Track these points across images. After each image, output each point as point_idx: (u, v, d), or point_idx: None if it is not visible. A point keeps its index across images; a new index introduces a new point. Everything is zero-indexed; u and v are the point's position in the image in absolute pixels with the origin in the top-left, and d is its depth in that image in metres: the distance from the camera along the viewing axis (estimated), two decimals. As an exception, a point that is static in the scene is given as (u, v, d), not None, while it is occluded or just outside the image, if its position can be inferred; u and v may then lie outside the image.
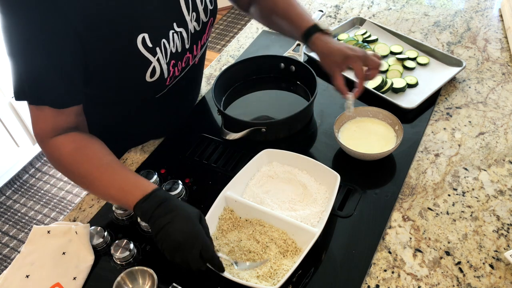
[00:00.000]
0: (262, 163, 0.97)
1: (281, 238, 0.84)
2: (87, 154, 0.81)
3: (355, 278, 0.79)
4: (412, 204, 0.91)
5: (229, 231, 0.87)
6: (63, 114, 0.80)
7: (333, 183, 0.89)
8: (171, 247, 0.71)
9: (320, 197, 0.90)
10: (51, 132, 0.80)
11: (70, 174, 0.82)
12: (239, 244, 0.84)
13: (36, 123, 0.80)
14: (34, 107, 0.79)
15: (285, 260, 0.81)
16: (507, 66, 1.23)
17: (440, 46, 1.32)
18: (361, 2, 1.56)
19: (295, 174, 0.95)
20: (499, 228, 0.86)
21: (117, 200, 0.81)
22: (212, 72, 1.33)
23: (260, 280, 0.78)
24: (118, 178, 0.79)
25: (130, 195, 0.76)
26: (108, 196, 0.81)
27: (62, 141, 0.81)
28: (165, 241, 0.71)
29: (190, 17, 0.89)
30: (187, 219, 0.72)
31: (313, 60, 1.27)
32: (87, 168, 0.80)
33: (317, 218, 0.87)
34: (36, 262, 0.86)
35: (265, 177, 0.96)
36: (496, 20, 1.41)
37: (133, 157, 1.08)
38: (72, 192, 2.30)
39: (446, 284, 0.78)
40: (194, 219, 0.73)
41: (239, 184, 0.93)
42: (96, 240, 0.87)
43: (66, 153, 0.80)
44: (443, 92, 1.16)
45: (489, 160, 0.98)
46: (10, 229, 2.14)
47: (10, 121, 2.20)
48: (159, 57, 0.85)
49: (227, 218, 0.89)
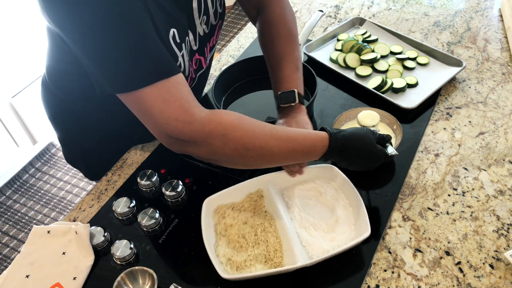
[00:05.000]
0: (330, 177, 0.91)
1: (273, 246, 0.82)
2: (251, 122, 0.75)
3: (355, 278, 0.79)
4: (412, 204, 0.91)
5: (245, 209, 0.88)
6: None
7: (361, 232, 0.81)
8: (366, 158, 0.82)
9: (340, 238, 0.83)
10: (197, 102, 0.71)
11: (241, 149, 0.73)
12: (242, 224, 0.86)
13: (175, 100, 0.68)
14: (163, 86, 0.68)
15: (259, 265, 0.80)
16: (507, 66, 1.23)
17: (440, 46, 1.32)
18: (361, 2, 1.56)
19: (341, 204, 0.88)
20: (499, 228, 0.86)
21: (300, 159, 0.81)
22: (212, 72, 1.33)
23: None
24: (294, 140, 0.78)
25: (314, 149, 0.79)
26: (289, 160, 0.80)
27: (220, 113, 0.72)
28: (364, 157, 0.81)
29: (200, 20, 0.88)
30: (369, 142, 0.81)
31: (313, 60, 1.27)
32: (261, 137, 0.74)
33: (320, 254, 0.80)
34: (36, 262, 0.86)
35: (315, 190, 0.91)
36: (496, 20, 1.41)
37: (133, 157, 1.08)
38: (72, 192, 2.30)
39: (446, 284, 0.78)
40: (372, 140, 0.82)
41: (290, 178, 0.91)
42: (96, 240, 0.87)
43: (233, 125, 0.72)
44: (443, 92, 1.16)
45: (489, 160, 0.98)
46: (10, 229, 2.14)
47: (10, 121, 2.20)
48: (184, 53, 0.84)
49: (252, 199, 0.90)
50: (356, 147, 0.80)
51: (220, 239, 0.85)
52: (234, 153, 0.73)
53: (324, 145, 0.79)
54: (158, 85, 0.68)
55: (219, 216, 0.88)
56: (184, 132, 0.70)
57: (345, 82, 1.20)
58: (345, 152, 0.79)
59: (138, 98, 0.69)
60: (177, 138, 0.72)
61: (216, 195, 0.88)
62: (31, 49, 2.21)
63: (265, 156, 0.76)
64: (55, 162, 2.46)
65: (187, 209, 0.93)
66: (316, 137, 0.79)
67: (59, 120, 1.07)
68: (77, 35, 0.66)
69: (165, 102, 0.68)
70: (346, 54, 1.26)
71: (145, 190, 0.97)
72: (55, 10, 0.65)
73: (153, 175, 0.97)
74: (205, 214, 0.85)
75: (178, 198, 0.94)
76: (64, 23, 0.66)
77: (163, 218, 0.91)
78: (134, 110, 0.72)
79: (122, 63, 0.67)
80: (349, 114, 1.04)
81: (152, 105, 0.68)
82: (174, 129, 0.70)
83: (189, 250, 0.86)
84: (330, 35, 1.35)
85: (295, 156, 0.79)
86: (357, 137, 0.80)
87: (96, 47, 0.66)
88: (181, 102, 0.69)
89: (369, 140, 0.81)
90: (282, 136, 0.77)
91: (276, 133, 0.76)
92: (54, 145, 2.53)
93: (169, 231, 0.89)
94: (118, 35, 0.65)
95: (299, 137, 0.78)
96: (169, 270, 0.84)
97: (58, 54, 0.87)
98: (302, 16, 1.53)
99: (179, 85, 0.70)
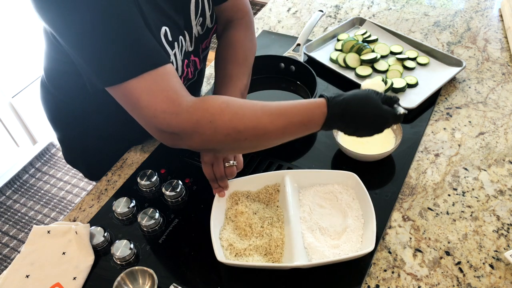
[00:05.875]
0: (350, 184, 0.90)
1: (275, 241, 0.82)
2: (239, 103, 0.72)
3: (355, 278, 0.79)
4: (412, 204, 0.91)
5: (259, 200, 0.90)
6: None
7: (366, 246, 0.80)
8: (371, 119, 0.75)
9: (343, 247, 0.82)
10: (185, 91, 0.70)
11: (233, 133, 0.70)
12: (252, 214, 0.87)
13: (162, 91, 0.67)
14: (150, 77, 0.67)
15: (258, 256, 0.81)
16: (507, 66, 1.23)
17: (440, 46, 1.32)
18: (361, 2, 1.56)
19: (354, 214, 0.86)
20: (499, 228, 0.86)
21: (300, 132, 0.75)
22: (212, 72, 1.33)
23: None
24: (288, 113, 0.72)
25: (313, 118, 0.73)
26: (287, 136, 0.75)
27: (206, 99, 0.70)
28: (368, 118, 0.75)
29: (196, 22, 0.88)
30: (374, 102, 0.75)
31: (313, 60, 1.27)
32: (252, 116, 0.71)
33: (319, 259, 0.79)
34: (36, 262, 0.86)
35: (332, 194, 0.90)
36: (496, 20, 1.41)
37: (133, 157, 1.08)
38: (72, 192, 2.30)
39: (446, 284, 0.78)
40: (377, 100, 0.75)
41: (310, 178, 0.90)
42: (96, 240, 0.87)
43: (220, 109, 0.69)
44: (443, 92, 1.16)
45: (489, 160, 0.98)
46: (10, 229, 2.14)
47: (10, 121, 2.20)
48: (176, 52, 0.83)
49: (268, 192, 0.91)
50: (359, 109, 0.73)
51: (228, 223, 0.87)
52: (227, 138, 0.70)
53: (323, 112, 0.72)
54: (144, 77, 0.66)
55: (233, 201, 0.90)
56: (172, 124, 0.68)
57: (345, 82, 1.20)
58: (348, 117, 0.72)
59: (125, 91, 0.68)
60: (167, 132, 0.70)
61: (235, 180, 0.90)
62: (31, 49, 2.21)
63: (260, 136, 0.72)
64: (55, 162, 2.46)
65: (187, 209, 0.93)
66: (312, 105, 0.73)
67: (58, 121, 1.07)
68: (65, 30, 0.66)
69: (152, 94, 0.67)
70: (346, 54, 1.26)
71: (145, 190, 0.97)
72: (44, 7, 0.66)
73: (153, 175, 0.97)
74: (218, 197, 0.88)
75: (178, 198, 0.94)
76: (53, 19, 0.67)
77: (163, 218, 0.91)
78: (124, 104, 0.71)
79: (107, 56, 0.66)
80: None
81: (139, 98, 0.67)
82: (162, 121, 0.68)
83: (189, 250, 0.86)
84: (330, 35, 1.35)
85: (293, 129, 0.73)
86: (359, 98, 0.73)
87: (83, 40, 0.66)
88: (168, 93, 0.68)
89: (373, 101, 0.74)
90: (275, 111, 0.71)
91: (268, 109, 0.71)
92: (54, 145, 2.53)
93: (169, 231, 0.89)
94: (104, 27, 0.65)
95: (294, 109, 0.72)
96: (169, 270, 0.84)
97: (55, 54, 0.88)
98: (302, 16, 1.53)
99: (167, 76, 0.68)
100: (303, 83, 1.17)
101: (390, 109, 0.75)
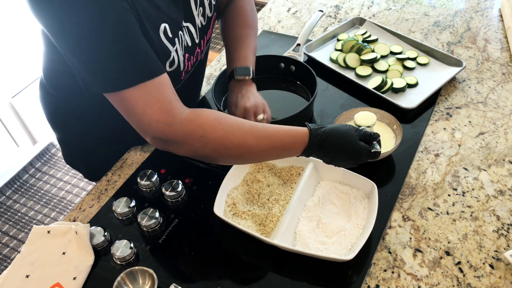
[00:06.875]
0: (368, 194, 0.91)
1: (272, 216, 0.86)
2: (230, 122, 0.76)
3: (355, 278, 0.79)
4: (412, 204, 0.91)
5: (279, 176, 0.95)
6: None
7: (347, 253, 0.82)
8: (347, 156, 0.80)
9: (329, 247, 0.83)
10: (179, 102, 0.73)
11: (220, 149, 0.75)
12: (266, 186, 0.92)
13: (157, 102, 0.70)
14: (145, 87, 0.70)
15: (252, 223, 0.85)
16: (507, 66, 1.23)
17: (440, 46, 1.32)
18: (361, 2, 1.56)
19: (356, 221, 0.86)
20: (499, 228, 0.86)
21: (281, 156, 0.81)
22: (212, 72, 1.33)
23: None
24: (272, 137, 0.78)
25: (294, 145, 0.78)
26: (269, 157, 0.81)
27: (200, 113, 0.74)
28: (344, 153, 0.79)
29: (197, 12, 0.90)
30: (351, 138, 0.79)
31: (313, 60, 1.27)
32: (240, 136, 0.75)
33: (301, 247, 0.82)
34: (36, 262, 0.86)
35: (347, 196, 0.91)
36: (496, 20, 1.41)
37: (133, 157, 1.08)
38: (72, 192, 2.30)
39: (446, 284, 0.78)
40: (354, 137, 0.80)
41: (335, 173, 0.92)
42: (96, 240, 0.87)
43: (212, 126, 0.73)
44: (443, 92, 1.16)
45: (489, 160, 0.98)
46: (10, 229, 2.14)
47: (10, 121, 2.20)
48: (177, 48, 0.85)
49: (290, 172, 0.94)
50: (336, 143, 0.79)
51: (242, 185, 0.93)
52: (214, 152, 0.76)
53: (304, 141, 0.78)
54: (141, 87, 0.70)
55: (255, 168, 0.95)
56: (165, 133, 0.73)
57: (345, 82, 1.20)
58: (326, 148, 0.78)
59: (122, 98, 0.71)
60: (160, 139, 0.74)
61: None
62: (31, 49, 2.21)
63: (245, 154, 0.78)
64: (55, 162, 2.46)
65: (187, 209, 0.93)
66: (296, 133, 0.79)
67: (57, 121, 1.07)
68: (62, 34, 0.68)
69: (147, 104, 0.70)
70: (346, 54, 1.26)
71: (145, 190, 0.97)
72: (41, 10, 0.67)
73: (153, 175, 0.97)
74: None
75: (178, 198, 0.94)
76: (50, 22, 0.68)
77: (163, 218, 0.91)
78: (119, 109, 0.74)
79: (104, 63, 0.68)
80: (349, 114, 1.04)
81: (135, 106, 0.71)
82: (155, 130, 0.72)
83: (189, 250, 0.86)
84: (330, 35, 1.35)
85: (275, 153, 0.80)
86: (338, 132, 0.79)
87: (80, 47, 0.68)
88: (162, 104, 0.71)
89: (351, 136, 0.80)
90: (261, 134, 0.77)
91: (256, 131, 0.77)
92: (54, 145, 2.53)
93: (169, 231, 0.89)
94: (101, 36, 0.67)
95: (278, 133, 0.78)
96: (169, 270, 0.84)
97: (53, 55, 0.88)
98: (302, 16, 1.53)
99: (162, 86, 0.72)
100: (303, 83, 1.17)
101: (365, 146, 0.80)
